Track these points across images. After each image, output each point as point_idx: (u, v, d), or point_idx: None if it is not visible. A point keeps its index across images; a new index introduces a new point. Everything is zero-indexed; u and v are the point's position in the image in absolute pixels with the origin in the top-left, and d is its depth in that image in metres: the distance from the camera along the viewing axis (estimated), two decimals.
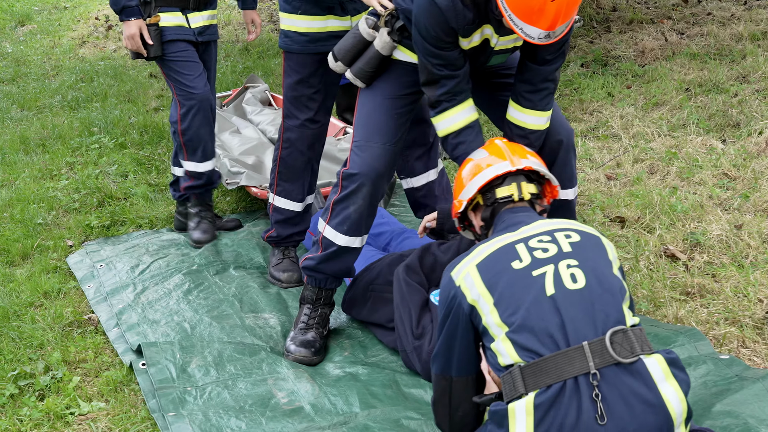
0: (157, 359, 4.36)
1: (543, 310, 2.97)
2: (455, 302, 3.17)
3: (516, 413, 2.90)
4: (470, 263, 3.19)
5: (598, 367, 2.85)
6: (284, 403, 4.02)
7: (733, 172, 6.24)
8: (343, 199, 4.27)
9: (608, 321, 2.96)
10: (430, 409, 3.89)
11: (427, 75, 4.04)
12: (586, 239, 3.18)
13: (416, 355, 4.21)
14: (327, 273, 4.47)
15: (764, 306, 4.52)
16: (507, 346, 2.97)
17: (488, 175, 3.55)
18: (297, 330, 4.51)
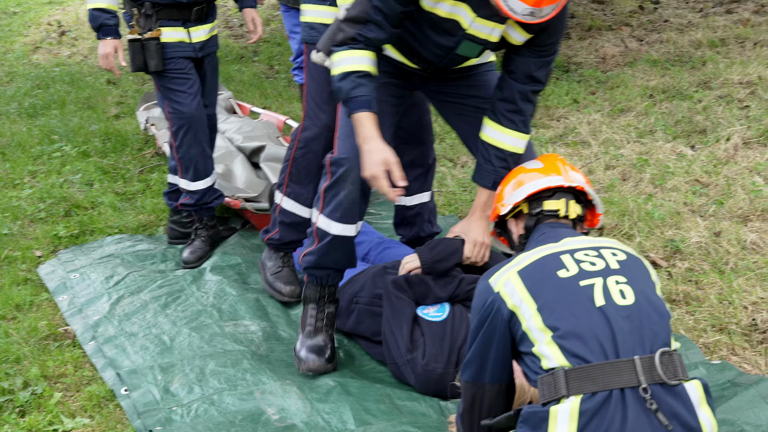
0: (138, 384, 4.26)
1: (593, 319, 2.94)
2: (493, 308, 3.13)
3: (558, 416, 2.83)
4: (511, 270, 3.16)
5: (647, 383, 2.83)
6: (276, 420, 3.94)
7: (705, 178, 6.28)
8: (333, 186, 4.08)
9: (656, 341, 2.94)
10: (426, 421, 3.88)
11: (359, 11, 3.79)
12: (631, 259, 3.17)
13: (410, 368, 4.16)
14: (328, 267, 4.29)
15: (749, 313, 4.54)
16: (553, 350, 2.93)
17: (540, 185, 3.51)
18: (305, 334, 4.33)
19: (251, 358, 4.40)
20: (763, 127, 7.09)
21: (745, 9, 10.85)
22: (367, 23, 3.81)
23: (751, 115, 7.51)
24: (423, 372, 4.14)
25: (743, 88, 8.25)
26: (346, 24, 3.82)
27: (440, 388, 4.14)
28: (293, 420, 3.94)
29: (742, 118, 7.44)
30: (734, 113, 7.59)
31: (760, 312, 4.50)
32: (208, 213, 5.77)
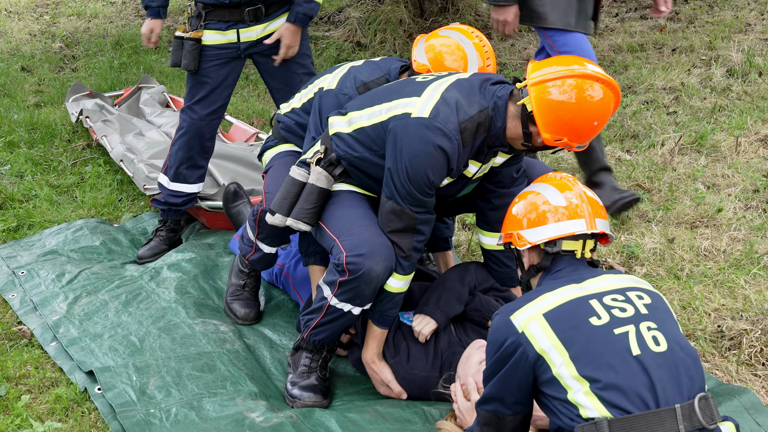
0: (112, 383, 4.16)
1: (630, 369, 2.96)
2: (518, 349, 3.10)
3: None
4: (535, 311, 3.13)
5: (686, 430, 2.89)
6: (261, 422, 3.88)
7: (648, 184, 6.40)
8: (351, 281, 3.94)
9: (693, 386, 3.00)
10: (412, 428, 3.88)
11: (405, 222, 3.91)
12: (656, 301, 3.20)
13: (393, 371, 4.16)
14: (333, 334, 4.19)
15: (713, 319, 4.65)
16: (593, 401, 2.94)
17: (565, 231, 3.42)
18: (297, 374, 4.23)
19: (228, 363, 4.33)
20: (694, 134, 7.26)
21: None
22: (416, 228, 3.96)
23: (680, 121, 7.69)
24: (406, 375, 4.14)
25: (667, 93, 8.44)
26: (396, 236, 3.94)
27: (424, 391, 4.15)
28: (279, 420, 3.89)
29: (672, 124, 7.61)
30: (663, 119, 7.76)
31: (724, 319, 4.61)
32: (174, 216, 5.66)
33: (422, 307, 4.25)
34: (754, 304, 4.74)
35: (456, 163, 3.82)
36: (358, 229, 3.95)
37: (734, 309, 4.72)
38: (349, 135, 4.05)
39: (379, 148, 3.94)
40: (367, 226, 3.97)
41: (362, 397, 4.26)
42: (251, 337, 4.72)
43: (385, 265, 3.89)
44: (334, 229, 4.01)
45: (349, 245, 3.90)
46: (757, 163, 6.66)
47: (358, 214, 4.04)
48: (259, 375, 4.36)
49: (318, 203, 4.08)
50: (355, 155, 4.03)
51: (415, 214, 3.90)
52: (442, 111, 3.75)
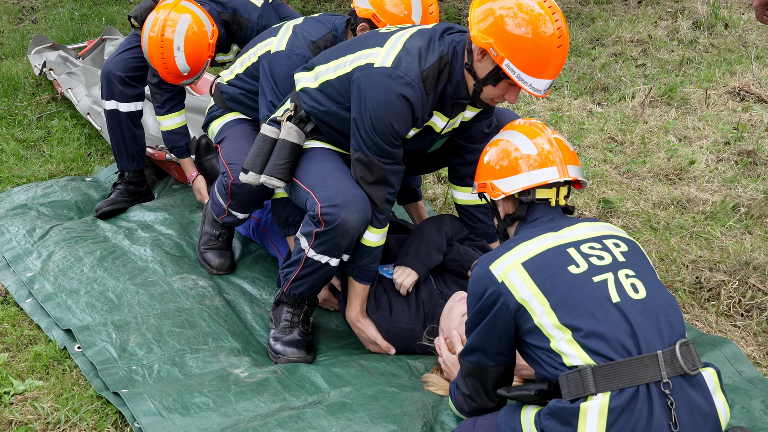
0: (92, 341, 4.11)
1: (611, 317, 2.96)
2: (499, 299, 3.10)
3: (588, 413, 2.87)
4: (513, 260, 3.13)
5: (669, 376, 2.89)
6: (246, 377, 3.85)
7: (620, 137, 6.41)
8: (327, 233, 3.91)
9: (674, 333, 3.00)
10: (398, 381, 3.86)
11: (375, 173, 3.91)
12: (632, 248, 3.20)
13: (377, 326, 4.15)
14: (312, 287, 4.15)
15: (691, 271, 4.67)
16: (575, 349, 2.94)
17: (537, 179, 3.39)
18: (279, 329, 4.20)
19: (209, 319, 4.29)
20: (664, 86, 7.28)
21: None
22: (386, 179, 3.93)
23: (649, 73, 7.70)
24: (390, 329, 4.13)
25: (635, 46, 8.45)
26: (370, 188, 3.92)
27: (408, 344, 4.14)
28: (264, 375, 3.87)
29: (641, 77, 7.63)
30: (632, 71, 7.77)
31: (702, 270, 4.64)
32: (131, 167, 5.57)
33: (401, 258, 4.22)
34: (731, 255, 4.77)
35: (420, 112, 3.81)
36: (332, 181, 3.93)
37: (711, 260, 4.75)
38: (315, 89, 4.03)
39: (345, 101, 3.93)
40: (340, 178, 3.95)
41: (346, 352, 4.24)
42: (231, 292, 4.68)
43: (360, 216, 3.87)
44: (308, 182, 3.99)
45: (323, 196, 3.88)
46: (727, 115, 6.69)
47: (331, 167, 4.02)
48: (241, 331, 4.32)
49: (290, 158, 4.05)
50: (322, 109, 4.01)
51: (384, 165, 3.89)
52: (404, 60, 3.74)
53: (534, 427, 3.04)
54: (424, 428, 3.51)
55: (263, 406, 3.69)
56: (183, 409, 3.64)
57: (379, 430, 3.48)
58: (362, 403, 3.62)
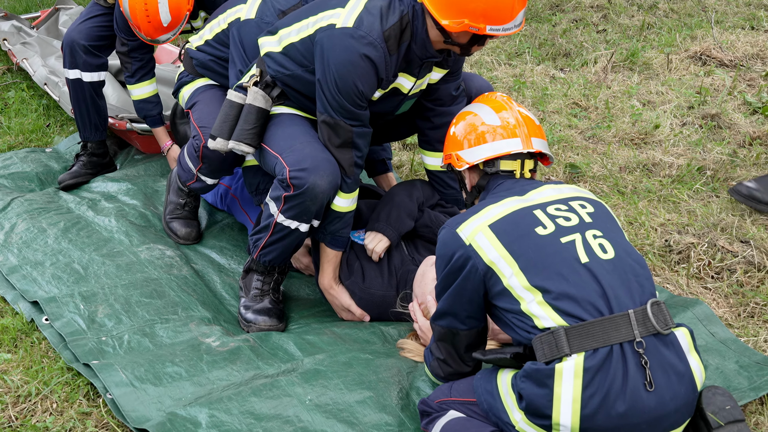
0: (59, 313, 4.05)
1: (581, 277, 2.95)
2: (467, 262, 3.08)
3: (564, 374, 2.85)
4: (480, 222, 3.11)
5: (641, 336, 2.89)
6: (218, 346, 3.81)
7: (584, 102, 6.40)
8: (296, 197, 3.88)
9: (644, 292, 2.99)
10: (372, 348, 3.83)
11: (342, 136, 3.87)
12: (599, 209, 3.19)
13: (350, 293, 4.12)
14: (282, 254, 4.11)
15: (660, 234, 4.68)
16: (547, 310, 2.93)
17: (501, 150, 3.40)
18: (249, 297, 4.17)
19: (177, 289, 4.24)
20: (625, 51, 7.28)
21: None
22: (353, 141, 3.89)
23: (610, 39, 7.70)
24: (363, 295, 4.10)
25: (595, 11, 8.45)
26: (338, 151, 3.88)
27: (382, 311, 4.12)
28: (237, 344, 3.83)
29: (602, 42, 7.62)
30: (593, 36, 7.77)
31: (671, 233, 4.64)
32: (94, 137, 5.47)
33: (373, 224, 4.19)
34: (699, 218, 4.78)
35: (384, 73, 3.78)
36: (300, 145, 3.90)
37: (680, 223, 4.76)
38: (279, 53, 3.99)
39: (309, 63, 3.89)
40: (309, 142, 3.91)
41: (318, 320, 4.21)
42: (199, 262, 4.63)
43: (329, 180, 3.84)
44: (276, 146, 3.95)
45: (291, 160, 3.84)
46: (690, 80, 6.70)
47: (299, 132, 3.98)
48: (211, 300, 4.28)
49: (257, 123, 4.01)
50: (287, 73, 3.98)
51: (351, 127, 3.85)
52: (366, 20, 3.72)
53: (511, 391, 3.03)
54: (400, 394, 3.50)
55: (236, 374, 3.65)
56: (155, 379, 3.59)
57: (354, 396, 3.46)
58: (336, 370, 3.59)
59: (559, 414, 2.87)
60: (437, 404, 3.28)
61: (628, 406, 2.84)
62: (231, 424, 3.33)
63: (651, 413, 2.87)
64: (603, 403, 2.84)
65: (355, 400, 3.45)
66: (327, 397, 3.46)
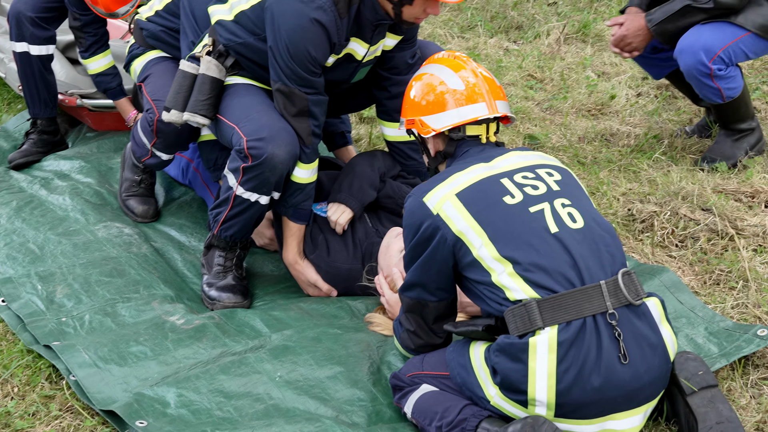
0: (16, 294, 3.95)
1: (551, 248, 2.92)
2: (436, 232, 3.04)
3: (537, 348, 2.82)
4: (447, 191, 3.06)
5: (614, 307, 2.86)
6: (182, 324, 3.73)
7: (539, 73, 6.39)
8: (255, 167, 3.80)
9: (615, 263, 2.97)
10: (341, 322, 3.78)
11: (297, 104, 3.81)
12: (566, 177, 3.16)
13: (315, 267, 4.06)
14: (244, 228, 4.03)
15: (622, 203, 4.67)
16: (518, 282, 2.89)
17: (466, 116, 3.32)
18: (212, 274, 4.06)
19: (138, 267, 4.14)
20: (577, 23, 7.27)
21: None
22: (309, 110, 3.84)
23: (561, 11, 7.70)
24: (329, 270, 4.04)
25: None
26: (295, 120, 3.82)
27: (348, 285, 4.06)
28: (202, 321, 3.75)
29: (554, 14, 7.61)
30: (544, 9, 7.76)
31: (633, 203, 4.63)
32: (44, 113, 5.33)
33: (335, 195, 4.12)
34: (659, 186, 4.77)
35: (336, 37, 3.73)
36: (256, 115, 3.83)
37: (641, 192, 4.76)
38: (231, 22, 3.93)
39: (261, 31, 3.83)
40: (265, 111, 3.85)
41: (283, 296, 4.15)
42: (158, 240, 4.53)
43: (288, 150, 3.77)
44: (232, 117, 3.89)
45: (248, 130, 3.78)
46: None
47: (255, 101, 3.92)
48: (173, 278, 4.18)
49: (212, 93, 3.93)
50: (239, 42, 3.91)
51: (306, 95, 3.80)
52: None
53: (484, 364, 2.99)
54: (371, 369, 3.46)
55: (203, 352, 3.58)
56: (120, 359, 3.51)
57: (324, 372, 3.41)
58: (305, 346, 3.54)
59: (534, 389, 2.85)
60: (409, 378, 3.24)
61: (603, 379, 2.82)
62: (200, 403, 3.27)
63: (626, 386, 2.85)
64: (578, 378, 2.82)
65: (325, 375, 3.40)
66: (297, 373, 3.40)
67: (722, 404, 3.05)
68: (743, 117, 4.95)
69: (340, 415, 3.25)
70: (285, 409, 3.27)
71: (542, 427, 2.80)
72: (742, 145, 4.99)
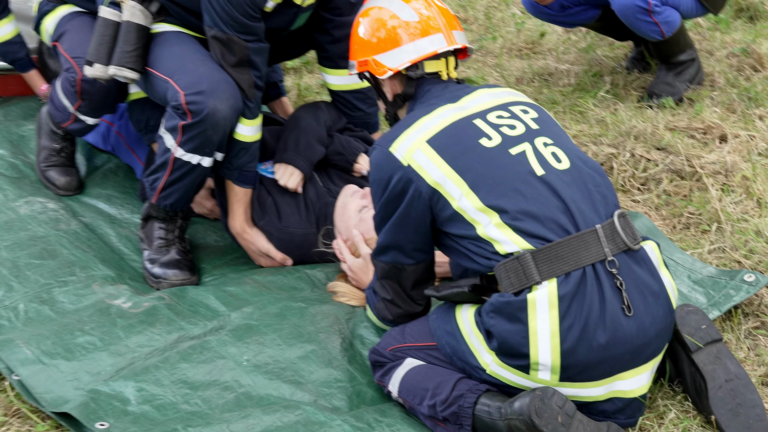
0: None
1: (539, 192, 2.68)
2: (409, 185, 2.77)
3: (537, 305, 2.58)
4: (415, 138, 2.80)
5: (612, 254, 2.64)
6: (130, 308, 3.40)
7: (462, 13, 6.16)
8: (195, 125, 3.51)
9: (608, 204, 2.75)
10: (302, 294, 3.53)
11: (237, 54, 3.51)
12: (542, 114, 2.93)
13: (266, 235, 3.76)
14: (184, 194, 3.71)
15: None
16: (507, 233, 2.64)
17: (423, 51, 3.03)
18: (154, 249, 3.73)
19: (70, 246, 3.77)
20: None
21: None
22: (249, 59, 3.54)
23: None
24: (282, 236, 3.74)
25: None
26: (235, 71, 3.52)
27: (304, 251, 3.76)
28: (151, 303, 3.43)
29: None
30: None
31: (587, 145, 4.42)
32: None
33: (281, 154, 3.80)
34: (610, 127, 4.58)
35: None
36: (193, 65, 3.52)
37: (592, 134, 4.56)
38: None
39: None
40: (202, 61, 3.55)
41: (233, 269, 3.84)
42: (86, 214, 4.14)
43: (230, 104, 3.48)
44: (165, 69, 3.57)
45: (185, 83, 3.47)
46: None
47: (189, 50, 3.62)
48: (110, 256, 3.83)
49: (139, 44, 3.60)
50: None
51: (246, 42, 3.50)
52: None
53: (476, 329, 2.74)
54: (344, 345, 3.22)
55: (158, 338, 3.26)
56: (66, 352, 3.17)
57: (294, 352, 3.16)
58: (269, 324, 3.25)
59: (537, 351, 2.61)
60: (390, 352, 3.00)
61: (609, 335, 2.61)
62: (164, 397, 2.97)
63: (633, 341, 2.65)
64: (583, 335, 2.59)
65: (296, 356, 3.13)
66: (265, 355, 3.13)
67: (729, 360, 2.90)
68: (683, 48, 4.83)
69: (318, 399, 3.00)
70: (258, 396, 3.00)
71: (552, 399, 2.59)
72: (684, 78, 4.87)
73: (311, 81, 5.26)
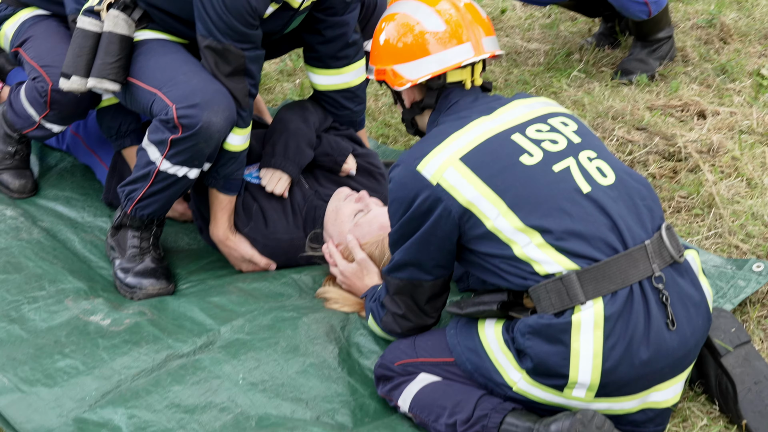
0: None
1: (585, 210, 2.54)
2: (436, 204, 2.60)
3: (582, 327, 2.44)
4: (447, 156, 2.62)
5: (660, 268, 2.53)
6: (110, 325, 3.17)
7: None
8: (186, 139, 3.31)
9: (654, 217, 2.63)
10: (291, 302, 3.36)
11: (233, 63, 3.31)
12: (581, 125, 2.77)
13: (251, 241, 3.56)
14: (163, 204, 3.50)
15: None
16: (551, 253, 2.50)
17: (448, 63, 2.81)
18: (126, 258, 3.51)
19: (35, 257, 3.53)
20: None
21: None
22: (245, 68, 3.35)
23: None
24: (268, 243, 3.55)
25: None
26: (230, 80, 3.32)
27: (290, 257, 3.57)
28: (132, 320, 3.21)
29: None
30: None
31: None
32: None
33: (268, 159, 3.60)
34: (587, 107, 4.44)
35: None
36: (183, 77, 3.30)
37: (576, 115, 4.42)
38: None
39: None
40: (193, 72, 3.33)
41: (212, 274, 3.62)
42: (45, 218, 3.89)
43: (225, 115, 3.28)
44: (152, 80, 3.35)
45: (176, 96, 3.25)
46: None
47: (178, 60, 3.40)
48: (78, 266, 3.58)
49: (122, 54, 3.38)
50: None
51: (242, 51, 3.30)
52: None
53: (504, 347, 2.60)
54: (341, 355, 3.04)
55: (145, 358, 3.04)
56: (46, 378, 2.95)
57: (291, 366, 2.97)
58: (263, 338, 3.06)
59: (577, 372, 2.49)
60: (400, 367, 2.84)
61: (652, 351, 2.50)
62: (158, 423, 2.78)
63: (674, 354, 2.55)
64: (626, 353, 2.48)
65: (294, 371, 2.95)
66: (261, 371, 2.94)
67: (757, 360, 2.83)
68: (663, 26, 4.70)
69: (321, 416, 2.84)
70: (257, 416, 2.82)
71: (593, 421, 2.45)
72: (658, 55, 4.76)
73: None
